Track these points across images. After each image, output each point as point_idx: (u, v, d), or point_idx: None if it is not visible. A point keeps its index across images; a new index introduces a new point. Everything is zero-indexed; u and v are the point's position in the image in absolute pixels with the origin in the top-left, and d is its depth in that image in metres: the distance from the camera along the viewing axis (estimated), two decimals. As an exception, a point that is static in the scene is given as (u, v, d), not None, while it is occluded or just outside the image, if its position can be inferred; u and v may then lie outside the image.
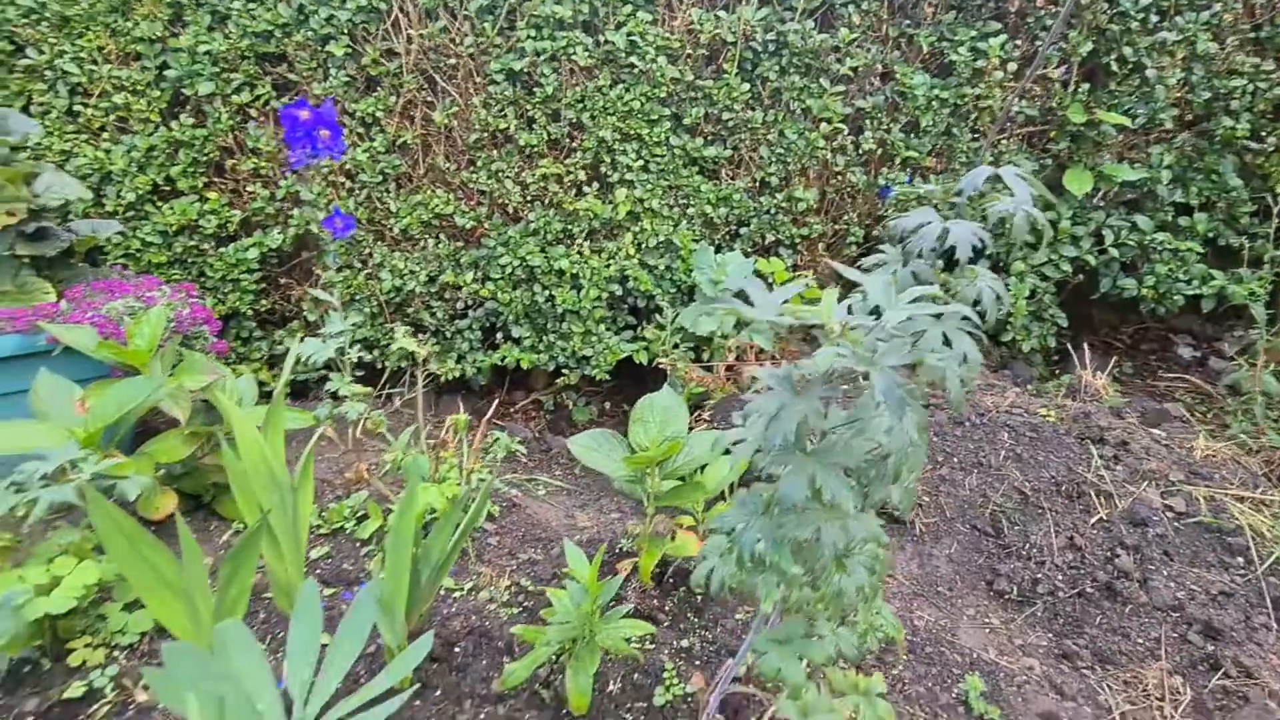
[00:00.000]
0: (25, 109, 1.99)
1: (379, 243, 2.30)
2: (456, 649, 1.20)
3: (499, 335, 2.43)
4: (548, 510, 1.83)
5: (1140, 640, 1.46)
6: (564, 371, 2.42)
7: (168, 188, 2.13)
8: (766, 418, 0.57)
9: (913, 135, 2.34)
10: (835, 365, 0.56)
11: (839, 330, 0.55)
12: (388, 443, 1.56)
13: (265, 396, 1.76)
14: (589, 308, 2.30)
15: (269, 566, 1.19)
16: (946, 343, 0.66)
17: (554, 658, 1.13)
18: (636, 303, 2.42)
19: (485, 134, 2.18)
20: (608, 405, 2.79)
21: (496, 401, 2.37)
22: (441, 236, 2.29)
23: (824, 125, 2.25)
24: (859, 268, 0.73)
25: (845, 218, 2.41)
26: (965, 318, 0.67)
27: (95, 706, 1.07)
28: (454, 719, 1.08)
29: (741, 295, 0.61)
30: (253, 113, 2.12)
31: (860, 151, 2.32)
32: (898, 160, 2.34)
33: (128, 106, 2.03)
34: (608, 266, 2.30)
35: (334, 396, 1.51)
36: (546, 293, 2.32)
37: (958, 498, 1.77)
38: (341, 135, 1.28)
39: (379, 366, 2.43)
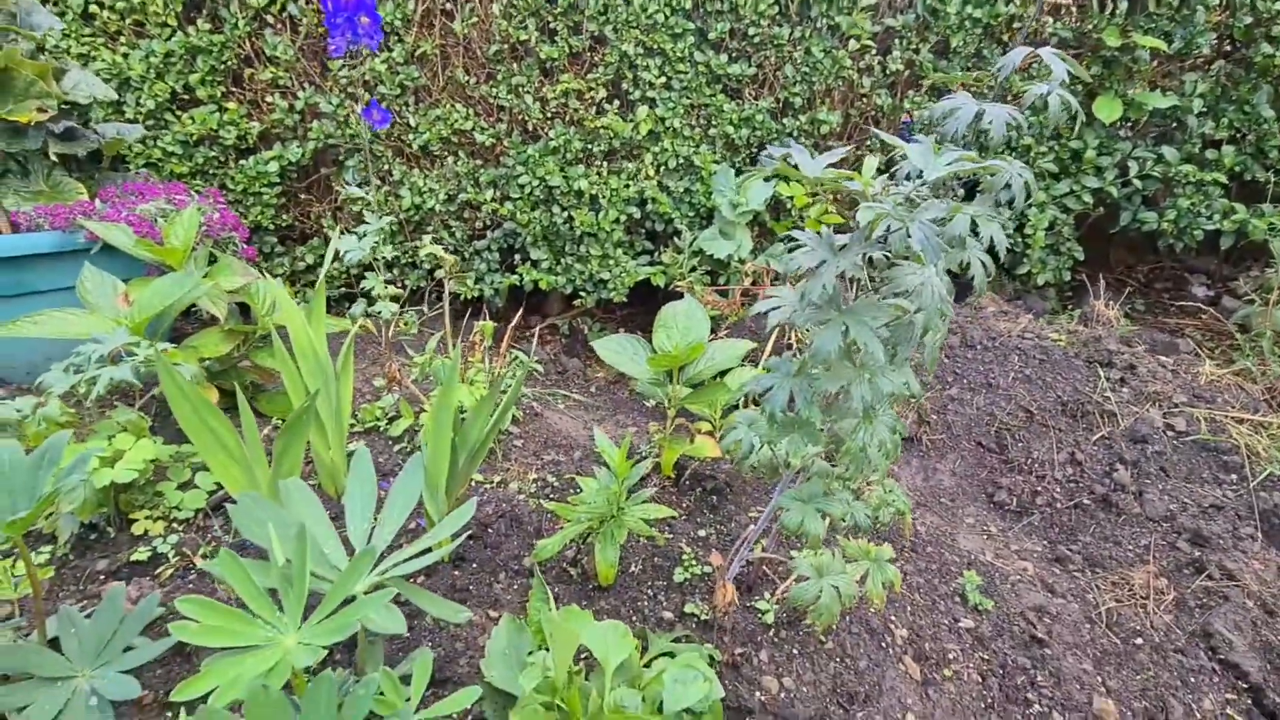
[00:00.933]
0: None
1: (398, 159, 2.30)
2: (490, 529, 1.29)
3: (517, 257, 2.45)
4: (567, 422, 1.90)
5: (1131, 547, 1.54)
6: (582, 294, 2.46)
7: (186, 96, 2.12)
8: (806, 274, 0.61)
9: (942, 57, 2.28)
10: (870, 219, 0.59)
11: (880, 189, 0.58)
12: (410, 354, 1.61)
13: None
14: (608, 230, 2.31)
15: (315, 452, 1.26)
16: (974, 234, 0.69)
17: (582, 537, 1.21)
18: (655, 226, 2.43)
19: (505, 46, 2.14)
20: (622, 331, 2.84)
21: (514, 321, 2.42)
22: (460, 154, 2.28)
23: (852, 43, 2.20)
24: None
25: (869, 143, 2.39)
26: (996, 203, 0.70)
27: (160, 569, 1.16)
28: (491, 586, 1.16)
29: (788, 163, 0.64)
30: (269, 19, 2.08)
31: (887, 73, 2.27)
32: (925, 84, 2.29)
33: (144, 8, 1.99)
34: (627, 187, 2.30)
35: (366, 296, 1.55)
36: (565, 214, 2.33)
37: (965, 416, 1.83)
38: (381, 22, 1.27)
39: (399, 284, 2.47)
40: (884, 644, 1.18)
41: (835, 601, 0.85)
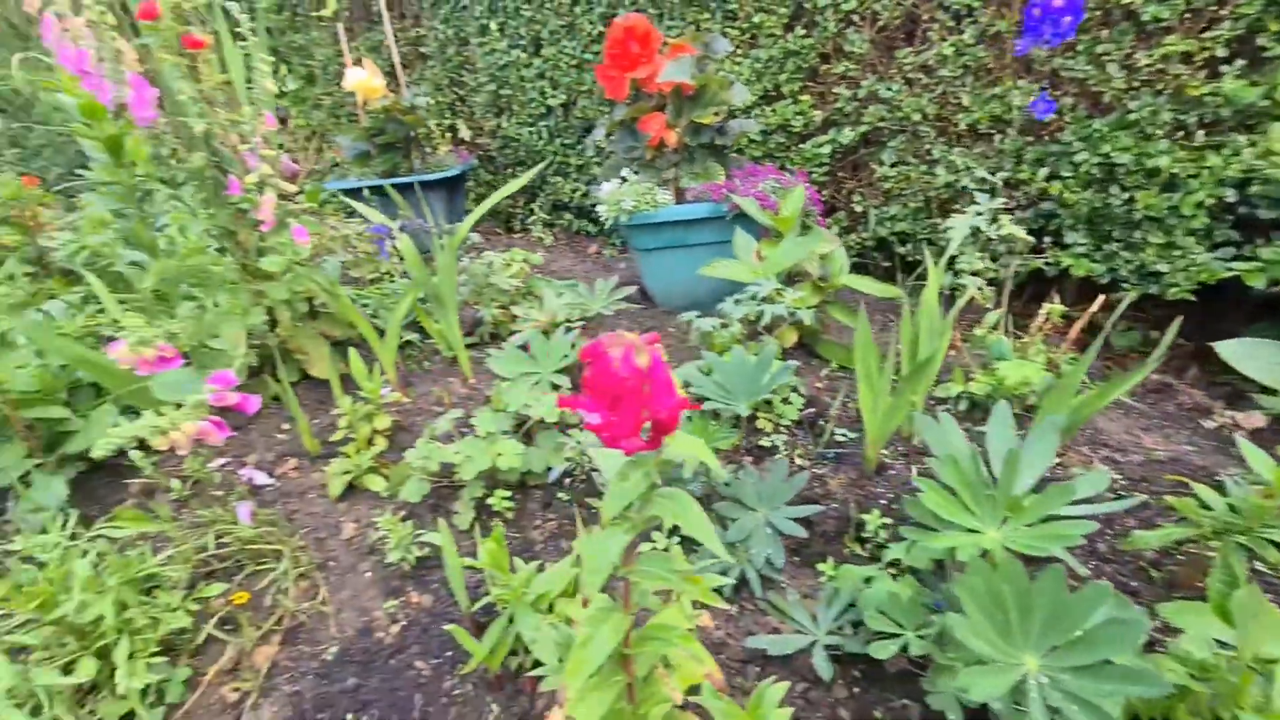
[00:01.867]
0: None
1: (940, 138, 2.40)
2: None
3: (1045, 239, 2.32)
4: (1108, 423, 1.78)
5: None
6: (1124, 286, 2.20)
7: (774, 93, 2.62)
8: None
9: None
10: None
11: None
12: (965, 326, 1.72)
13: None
14: (1188, 214, 1.99)
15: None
16: None
17: (1182, 541, 1.16)
18: (1256, 213, 1.98)
19: (1099, 11, 2.00)
20: (1153, 334, 2.43)
21: (1096, 306, 2.32)
22: (1010, 131, 2.25)
23: None
24: None
25: None
26: None
27: (777, 455, 1.58)
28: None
29: None
30: (855, 19, 2.39)
31: None
32: None
33: (760, 25, 2.52)
34: (1228, 166, 1.92)
35: (951, 269, 1.73)
36: (1125, 195, 2.09)
37: None
38: (1080, 20, 1.36)
39: (908, 259, 2.63)
40: None
41: None
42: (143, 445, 1.14)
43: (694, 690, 0.86)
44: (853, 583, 1.13)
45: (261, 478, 1.65)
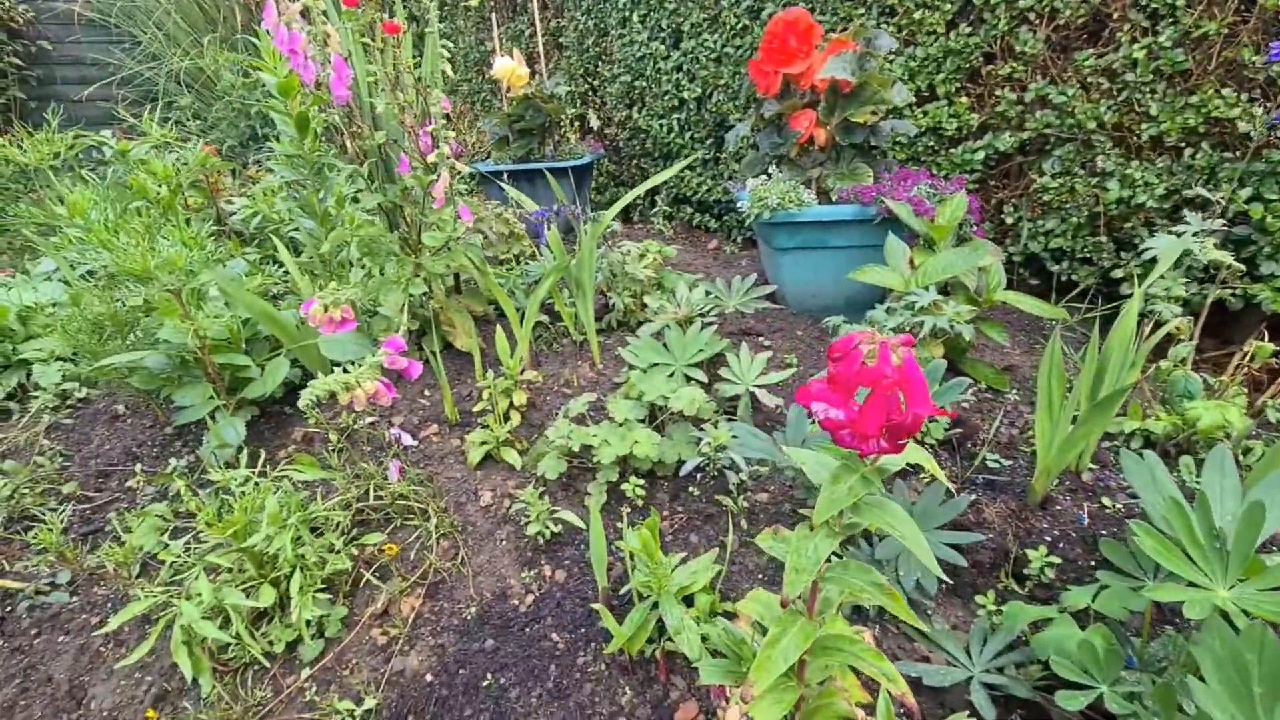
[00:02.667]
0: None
1: (1115, 149, 2.20)
2: None
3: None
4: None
5: None
6: (1332, 326, 1.93)
7: (928, 94, 2.49)
8: None
9: None
10: None
11: None
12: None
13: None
14: None
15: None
16: None
17: None
18: None
19: (1341, 14, 1.75)
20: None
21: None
22: (1204, 145, 2.02)
23: None
24: None
25: None
26: None
27: (925, 478, 1.50)
28: None
29: None
30: (1030, 16, 2.22)
31: None
32: None
33: (920, 21, 2.40)
34: None
35: (1145, 292, 1.58)
36: (1348, 223, 1.83)
37: None
38: None
39: (1063, 279, 2.42)
40: None
41: None
42: (331, 397, 1.23)
43: (865, 709, 0.83)
44: (1022, 622, 1.05)
45: (407, 439, 1.75)
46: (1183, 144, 2.07)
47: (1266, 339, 1.67)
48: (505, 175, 2.94)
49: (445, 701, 1.20)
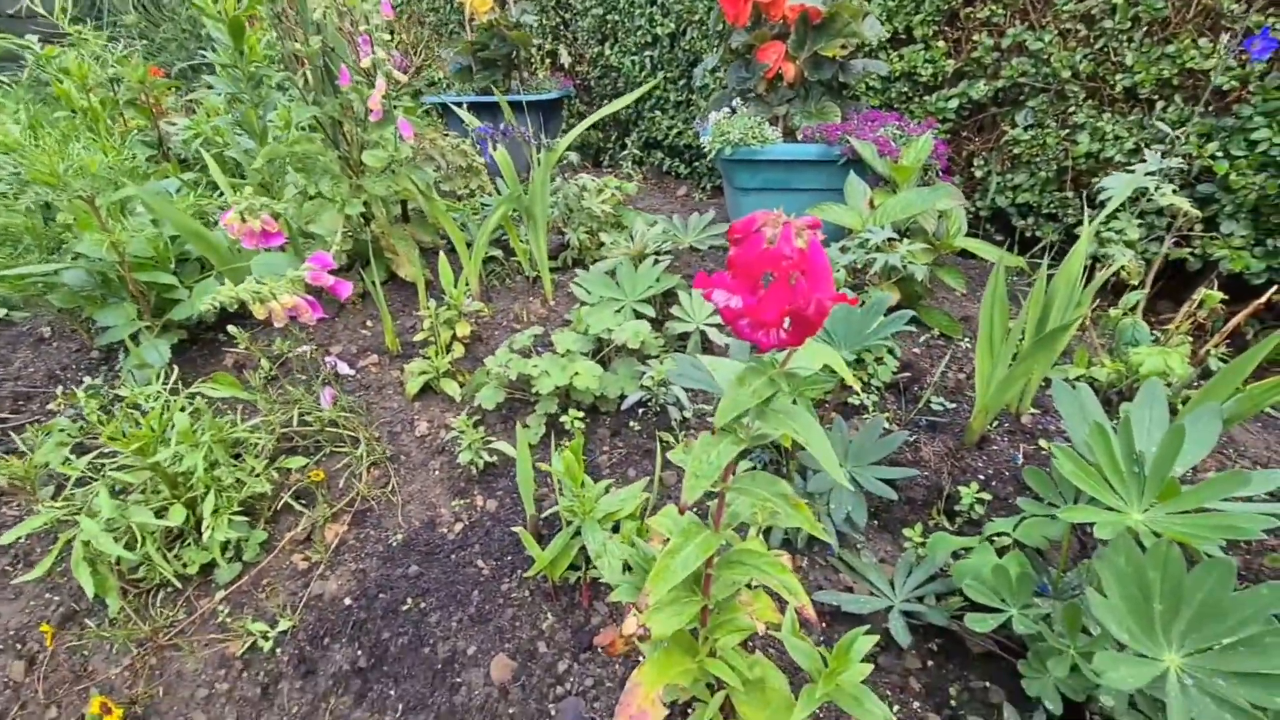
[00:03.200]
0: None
1: (1089, 100, 2.15)
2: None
3: (1196, 227, 2.06)
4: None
5: None
6: (1284, 286, 1.93)
7: (904, 36, 2.40)
8: None
9: None
10: None
11: None
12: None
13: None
14: (1387, 210, 1.71)
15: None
16: None
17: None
18: None
19: (1321, -39, 1.70)
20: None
21: (1264, 300, 2.09)
22: (1176, 99, 1.98)
23: None
24: None
25: None
26: None
27: (865, 415, 1.48)
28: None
29: None
30: (1015, -46, 2.13)
31: None
32: None
33: (902, -44, 2.29)
34: None
35: (1099, 238, 1.55)
36: (1310, 182, 1.81)
37: None
38: None
39: (1027, 235, 2.40)
40: None
41: None
42: (242, 312, 1.16)
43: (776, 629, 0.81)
44: (944, 552, 1.04)
45: (344, 368, 1.68)
46: (1155, 96, 2.03)
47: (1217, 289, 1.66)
48: (465, 107, 2.80)
49: (363, 625, 1.17)
